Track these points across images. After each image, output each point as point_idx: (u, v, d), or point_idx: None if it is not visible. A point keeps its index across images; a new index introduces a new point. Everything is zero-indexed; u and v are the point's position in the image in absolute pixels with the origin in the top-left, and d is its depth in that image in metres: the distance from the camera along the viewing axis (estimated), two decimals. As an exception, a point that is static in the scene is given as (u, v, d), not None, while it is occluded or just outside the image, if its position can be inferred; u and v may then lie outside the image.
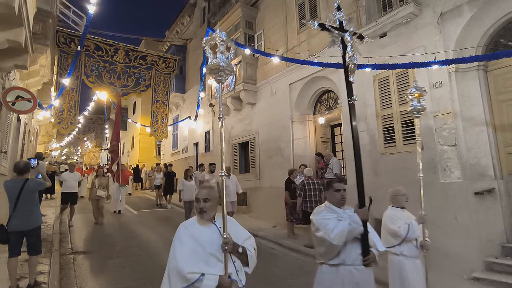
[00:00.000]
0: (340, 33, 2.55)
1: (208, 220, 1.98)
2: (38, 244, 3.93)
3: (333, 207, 2.40)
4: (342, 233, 2.14)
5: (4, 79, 5.58)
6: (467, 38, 5.00)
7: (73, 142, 33.48)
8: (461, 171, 4.79)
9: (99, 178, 8.35)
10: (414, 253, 3.04)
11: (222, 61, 1.99)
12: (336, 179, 2.58)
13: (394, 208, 3.27)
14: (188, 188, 8.09)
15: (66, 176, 8.13)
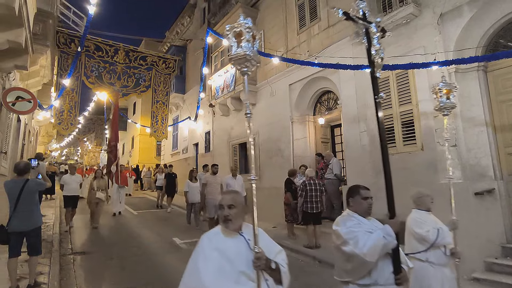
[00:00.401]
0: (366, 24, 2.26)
1: (234, 230, 1.73)
2: (38, 244, 3.93)
3: (358, 216, 2.12)
4: (375, 247, 1.86)
5: (4, 79, 5.59)
6: (467, 39, 5.01)
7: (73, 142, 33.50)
8: (461, 172, 4.80)
9: (98, 180, 8.07)
10: (442, 261, 2.75)
11: (248, 50, 1.79)
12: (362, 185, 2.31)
13: (419, 211, 3.00)
14: (193, 189, 7.96)
15: (67, 179, 7.84)
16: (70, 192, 7.65)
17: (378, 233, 1.91)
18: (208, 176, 7.39)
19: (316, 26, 7.98)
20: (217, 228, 1.80)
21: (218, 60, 11.89)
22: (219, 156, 12.05)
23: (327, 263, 5.23)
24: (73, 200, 7.65)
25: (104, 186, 8.13)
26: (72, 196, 7.65)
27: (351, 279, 2.00)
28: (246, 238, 1.71)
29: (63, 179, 7.96)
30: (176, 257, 5.66)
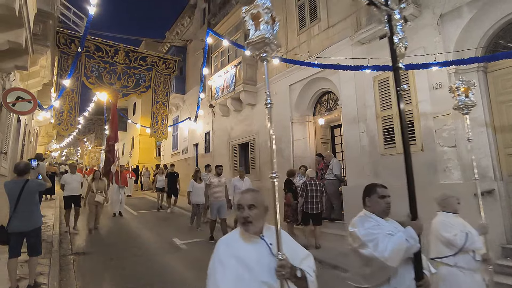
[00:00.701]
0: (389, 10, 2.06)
1: (254, 233, 1.56)
2: (38, 245, 3.93)
3: (376, 217, 1.99)
4: (398, 251, 1.73)
5: (4, 80, 5.59)
6: (466, 40, 5.01)
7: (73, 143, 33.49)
8: (461, 172, 4.80)
9: (96, 182, 7.73)
10: (472, 266, 2.57)
11: (267, 33, 1.63)
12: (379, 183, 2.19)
13: (446, 214, 2.84)
14: (197, 190, 7.80)
15: (68, 179, 7.65)
16: (71, 192, 7.51)
17: (400, 236, 1.78)
18: (212, 177, 7.16)
19: (316, 27, 7.99)
20: (234, 231, 1.63)
21: (218, 61, 11.89)
22: (219, 157, 12.04)
23: (329, 264, 5.23)
24: (74, 200, 7.51)
25: (104, 188, 7.86)
26: (73, 196, 7.51)
27: (369, 285, 1.88)
28: (268, 243, 1.52)
29: (63, 179, 7.79)
30: (176, 257, 5.66)
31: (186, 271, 4.95)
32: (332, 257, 5.50)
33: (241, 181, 7.13)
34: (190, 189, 7.80)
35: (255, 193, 1.67)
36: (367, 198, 2.09)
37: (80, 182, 7.82)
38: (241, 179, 7.16)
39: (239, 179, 7.18)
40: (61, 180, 7.97)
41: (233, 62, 10.51)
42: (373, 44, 6.27)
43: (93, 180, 7.80)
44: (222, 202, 6.93)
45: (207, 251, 6.44)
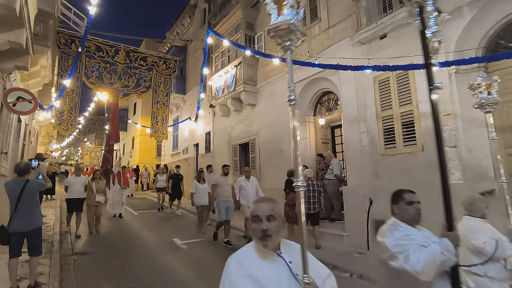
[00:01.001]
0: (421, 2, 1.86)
1: (272, 249, 1.36)
2: (38, 245, 3.93)
3: (406, 226, 1.85)
4: (432, 264, 1.60)
5: (5, 80, 5.59)
6: (467, 40, 5.01)
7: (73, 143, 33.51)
8: (461, 173, 4.80)
9: (97, 182, 7.51)
10: (503, 276, 2.39)
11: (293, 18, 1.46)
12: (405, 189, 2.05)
13: (473, 218, 2.65)
14: (201, 191, 7.61)
15: (72, 181, 7.31)
16: (74, 195, 7.14)
17: (434, 248, 1.62)
18: (219, 177, 6.95)
19: (316, 27, 7.98)
20: (248, 247, 1.43)
21: (218, 61, 11.89)
22: (219, 157, 12.05)
23: (328, 264, 5.21)
24: (77, 204, 7.15)
25: (104, 188, 7.69)
26: (76, 199, 7.15)
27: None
28: (287, 260, 1.34)
29: (67, 180, 7.50)
30: (176, 257, 5.67)
31: (186, 271, 4.95)
32: (331, 257, 5.50)
33: (247, 181, 6.88)
34: (193, 190, 7.58)
35: (272, 202, 1.46)
36: (395, 206, 1.96)
37: (84, 185, 7.43)
38: (247, 179, 6.90)
39: (244, 179, 6.93)
40: (65, 182, 7.72)
41: (233, 62, 10.52)
42: (374, 44, 6.27)
43: (93, 180, 7.56)
44: (229, 203, 6.76)
45: (208, 251, 6.48)
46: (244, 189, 6.73)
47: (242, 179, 6.92)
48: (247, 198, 6.60)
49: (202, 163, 13.69)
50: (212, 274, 4.76)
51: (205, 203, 7.67)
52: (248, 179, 6.91)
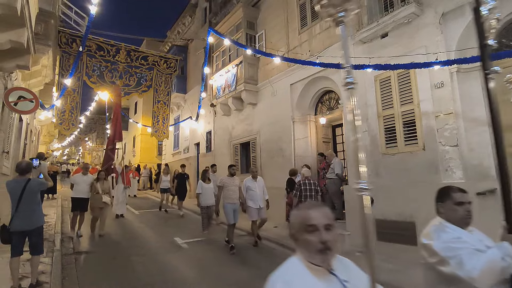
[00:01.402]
0: None
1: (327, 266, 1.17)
2: (40, 244, 3.94)
3: (454, 227, 1.70)
4: (491, 271, 1.44)
5: (6, 79, 5.60)
6: (469, 38, 4.99)
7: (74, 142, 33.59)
8: (463, 172, 4.79)
9: (101, 183, 7.23)
10: None
11: None
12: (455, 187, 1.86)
13: None
14: (207, 191, 7.28)
15: (78, 179, 7.17)
16: (79, 194, 6.99)
17: (493, 253, 1.47)
18: (225, 178, 6.49)
19: (317, 26, 7.97)
20: (294, 263, 1.19)
21: (219, 60, 11.89)
22: (220, 156, 12.05)
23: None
24: (82, 203, 6.98)
25: (109, 189, 7.42)
26: (80, 199, 6.97)
27: None
28: (341, 279, 1.15)
29: (73, 179, 7.34)
30: (177, 256, 5.68)
31: (187, 270, 4.95)
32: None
33: (254, 181, 6.49)
34: (199, 190, 7.19)
35: (325, 208, 1.24)
36: (440, 204, 1.81)
37: (90, 185, 7.16)
38: (254, 179, 6.51)
39: (251, 179, 6.54)
40: (71, 180, 7.51)
41: (234, 61, 10.51)
42: (375, 43, 6.25)
43: (98, 180, 7.24)
44: (237, 205, 6.39)
45: (209, 250, 6.49)
46: (252, 190, 6.40)
47: (249, 180, 6.56)
48: (254, 199, 6.34)
49: (203, 163, 13.70)
50: (213, 273, 4.77)
51: (211, 203, 7.32)
52: (255, 179, 6.56)
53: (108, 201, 7.18)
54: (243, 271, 4.88)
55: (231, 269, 4.99)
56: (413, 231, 5.20)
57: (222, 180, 6.50)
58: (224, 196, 6.40)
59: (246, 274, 4.76)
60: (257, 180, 6.52)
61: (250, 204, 6.34)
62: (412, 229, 5.20)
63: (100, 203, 6.97)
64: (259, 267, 4.99)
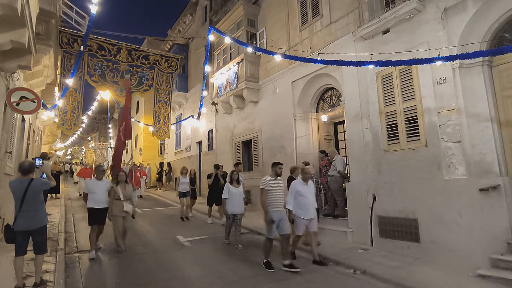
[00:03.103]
0: None
1: None
2: (43, 243, 3.97)
3: None
4: None
5: (8, 79, 5.62)
6: (471, 33, 4.95)
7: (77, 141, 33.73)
8: (465, 168, 4.76)
9: (122, 186, 5.88)
10: None
11: None
12: None
13: None
14: (235, 196, 6.26)
15: (93, 187, 5.74)
16: (96, 204, 5.65)
17: None
18: (269, 179, 5.17)
19: (318, 23, 7.93)
20: None
21: (220, 58, 11.88)
22: (222, 154, 12.07)
23: (332, 260, 5.23)
24: (100, 214, 5.68)
25: (130, 194, 6.02)
26: (99, 210, 5.66)
27: None
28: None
29: (87, 187, 5.87)
30: (180, 254, 5.70)
31: (190, 268, 4.97)
32: (335, 253, 5.50)
33: (305, 185, 5.20)
34: (226, 195, 6.22)
35: None
36: None
37: (108, 191, 5.85)
38: (305, 182, 5.24)
39: (302, 182, 5.23)
40: (84, 188, 6.08)
41: (235, 59, 10.49)
42: (376, 40, 6.22)
43: (117, 183, 5.91)
44: (283, 213, 5.07)
45: (211, 248, 6.51)
46: (302, 195, 5.11)
47: (299, 183, 5.26)
48: (305, 207, 5.11)
49: (205, 161, 13.73)
50: (216, 271, 4.78)
51: (240, 211, 6.25)
52: (306, 182, 5.26)
53: (130, 210, 5.83)
54: (246, 269, 4.89)
55: (234, 266, 5.00)
56: (416, 228, 5.19)
57: (266, 181, 5.14)
58: (268, 202, 5.06)
59: (249, 271, 4.77)
60: (308, 184, 5.27)
61: (299, 213, 5.13)
62: (415, 225, 5.20)
63: (121, 211, 5.72)
64: (263, 265, 4.99)
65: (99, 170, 6.15)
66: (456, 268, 4.47)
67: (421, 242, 5.12)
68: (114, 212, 5.73)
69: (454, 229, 4.70)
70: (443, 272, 4.48)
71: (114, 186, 5.87)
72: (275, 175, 5.25)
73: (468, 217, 4.58)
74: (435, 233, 4.94)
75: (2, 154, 5.68)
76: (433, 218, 4.97)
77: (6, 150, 5.96)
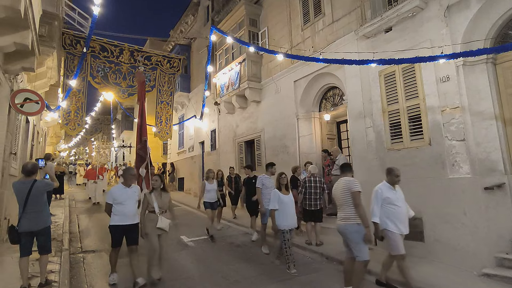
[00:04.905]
0: None
1: None
2: (48, 243, 4.00)
3: None
4: None
5: (12, 81, 5.66)
6: (475, 31, 4.91)
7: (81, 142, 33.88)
8: (470, 166, 4.72)
9: (158, 194, 4.48)
10: None
11: None
12: None
13: None
14: (287, 207, 4.90)
15: (120, 195, 4.26)
16: (125, 219, 4.22)
17: None
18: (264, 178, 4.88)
19: (320, 22, 7.91)
20: None
21: (222, 58, 11.88)
22: (225, 154, 12.08)
23: (335, 259, 5.22)
24: (131, 232, 4.31)
25: (169, 205, 4.61)
26: (128, 226, 4.26)
27: None
28: None
29: (112, 194, 4.30)
30: (184, 254, 5.71)
31: (193, 268, 4.98)
32: (338, 253, 5.48)
33: (394, 191, 4.08)
34: (274, 205, 4.88)
35: None
36: None
37: (138, 201, 4.52)
38: (392, 187, 4.12)
39: (389, 187, 4.12)
40: (108, 197, 4.34)
41: (237, 59, 10.49)
42: (379, 38, 6.19)
43: (152, 191, 4.54)
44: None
45: (214, 249, 6.49)
46: (393, 204, 3.97)
47: (386, 188, 4.11)
48: (398, 219, 3.93)
49: (208, 161, 13.75)
50: (219, 271, 4.79)
51: (293, 225, 5.01)
52: (393, 186, 4.12)
53: (166, 226, 4.44)
54: (249, 269, 4.89)
55: (237, 266, 5.01)
56: (420, 227, 5.16)
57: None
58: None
59: (252, 271, 4.77)
60: (396, 189, 4.13)
61: (392, 227, 3.92)
62: (419, 225, 5.16)
63: (155, 228, 4.37)
64: (266, 265, 4.99)
65: (129, 174, 4.50)
66: (461, 267, 4.44)
67: (425, 241, 5.09)
68: (147, 229, 4.38)
69: (458, 228, 4.67)
70: (448, 271, 4.45)
71: (147, 194, 4.51)
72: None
73: (473, 216, 4.55)
74: (439, 232, 4.91)
75: (7, 155, 5.72)
76: (437, 217, 4.94)
77: (11, 152, 6.00)
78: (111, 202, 4.27)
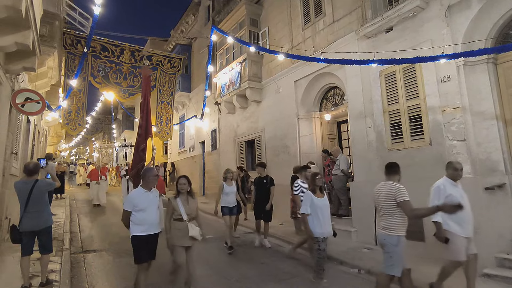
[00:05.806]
0: None
1: None
2: (49, 243, 4.01)
3: None
4: None
5: (13, 81, 5.67)
6: (475, 31, 4.91)
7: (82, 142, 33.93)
8: (470, 166, 4.72)
9: (184, 199, 3.86)
10: None
11: None
12: None
13: None
14: (322, 211, 4.32)
15: (141, 201, 3.59)
16: (148, 228, 3.59)
17: None
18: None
19: (321, 22, 7.91)
20: None
21: (223, 58, 11.89)
22: (226, 154, 12.08)
23: (336, 259, 5.22)
24: (152, 245, 3.71)
25: (197, 212, 3.98)
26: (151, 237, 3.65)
27: None
28: None
29: (131, 200, 3.60)
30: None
31: (197, 268, 4.97)
32: (339, 252, 5.49)
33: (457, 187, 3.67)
34: (306, 209, 4.30)
35: None
36: None
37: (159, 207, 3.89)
38: (455, 183, 3.68)
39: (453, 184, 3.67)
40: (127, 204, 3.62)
41: (238, 59, 10.50)
42: (379, 38, 6.18)
43: (177, 195, 3.90)
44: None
45: (218, 248, 6.48)
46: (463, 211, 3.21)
47: (449, 184, 3.63)
48: (463, 221, 3.49)
49: (208, 161, 13.76)
50: (220, 271, 4.79)
51: (329, 232, 4.42)
52: (456, 182, 3.65)
53: (197, 235, 3.82)
54: (250, 269, 4.90)
55: (238, 266, 5.01)
56: (421, 227, 5.16)
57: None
58: None
59: (254, 271, 4.78)
60: (458, 186, 3.65)
61: (455, 229, 3.50)
62: (420, 224, 5.16)
63: (183, 239, 3.79)
64: (267, 264, 5.00)
65: (150, 175, 3.75)
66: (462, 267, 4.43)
67: (426, 241, 5.09)
68: (173, 241, 3.79)
69: (459, 228, 4.65)
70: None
71: (172, 199, 3.89)
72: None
73: (474, 216, 4.54)
74: (440, 232, 4.89)
75: (8, 155, 5.73)
76: (438, 217, 4.93)
77: (12, 151, 6.01)
78: (130, 209, 3.55)
